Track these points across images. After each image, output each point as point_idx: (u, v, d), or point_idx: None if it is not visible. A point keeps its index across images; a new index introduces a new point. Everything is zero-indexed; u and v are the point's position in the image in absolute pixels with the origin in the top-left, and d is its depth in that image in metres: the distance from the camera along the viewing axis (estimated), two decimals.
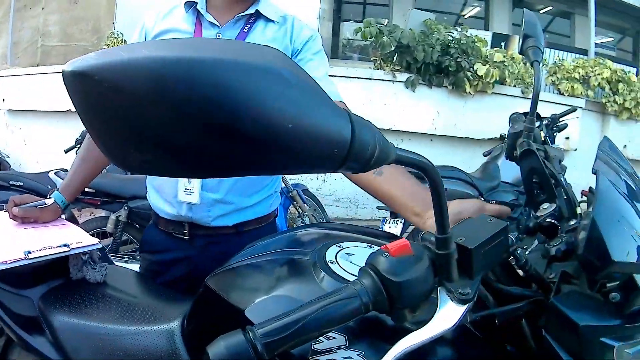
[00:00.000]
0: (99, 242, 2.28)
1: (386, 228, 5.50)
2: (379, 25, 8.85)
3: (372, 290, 1.04)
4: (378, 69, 8.79)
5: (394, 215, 5.79)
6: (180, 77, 0.81)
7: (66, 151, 6.74)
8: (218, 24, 2.37)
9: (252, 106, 0.81)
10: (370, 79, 8.64)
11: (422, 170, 0.99)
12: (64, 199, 2.52)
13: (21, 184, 5.56)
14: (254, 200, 2.49)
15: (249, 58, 0.84)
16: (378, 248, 1.20)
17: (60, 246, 2.14)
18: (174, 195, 2.44)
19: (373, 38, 8.65)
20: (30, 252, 2.02)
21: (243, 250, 1.76)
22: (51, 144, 10.03)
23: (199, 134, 0.83)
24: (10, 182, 5.60)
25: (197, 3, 2.38)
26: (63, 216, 2.57)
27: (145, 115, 0.83)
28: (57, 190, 2.57)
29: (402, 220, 5.67)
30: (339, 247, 1.46)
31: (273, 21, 2.41)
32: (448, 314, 1.10)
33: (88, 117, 0.90)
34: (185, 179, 2.41)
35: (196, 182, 2.41)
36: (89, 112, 0.89)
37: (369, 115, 0.87)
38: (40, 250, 2.06)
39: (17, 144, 11.69)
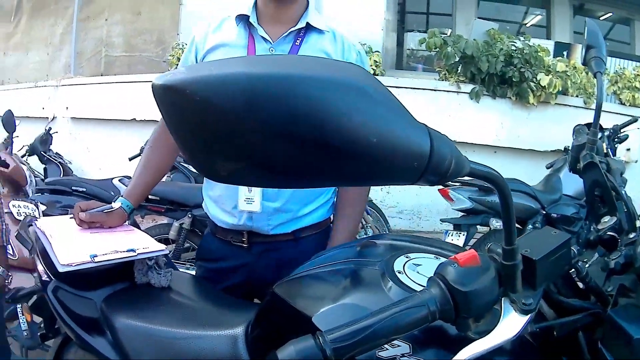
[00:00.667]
0: (166, 248, 2.33)
1: (449, 240, 5.49)
2: (443, 35, 8.79)
3: (440, 299, 1.07)
4: (443, 80, 8.74)
5: (457, 227, 5.78)
6: (271, 93, 0.84)
7: (130, 159, 6.83)
8: (270, 39, 2.40)
9: (340, 121, 0.85)
10: (435, 90, 8.60)
11: (492, 183, 1.02)
12: (129, 203, 2.58)
13: (84, 189, 5.66)
14: (311, 207, 2.54)
15: (335, 75, 0.88)
16: (445, 259, 1.26)
17: (127, 251, 2.18)
18: (234, 206, 2.48)
19: (437, 49, 8.58)
20: (96, 256, 2.07)
21: (311, 260, 1.79)
22: (114, 151, 10.17)
23: (287, 147, 0.86)
24: (73, 188, 5.71)
25: (249, 16, 2.41)
26: (127, 222, 2.61)
27: (235, 128, 0.87)
28: (122, 196, 2.62)
29: (465, 233, 5.65)
30: (406, 257, 1.48)
31: (323, 32, 2.44)
32: (511, 324, 1.13)
33: (176, 128, 0.94)
34: (246, 189, 2.44)
35: (257, 192, 2.44)
36: (178, 124, 0.93)
37: (435, 127, 0.89)
38: (106, 254, 2.11)
39: (79, 151, 11.83)
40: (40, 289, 3.19)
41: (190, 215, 5.52)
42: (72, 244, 2.20)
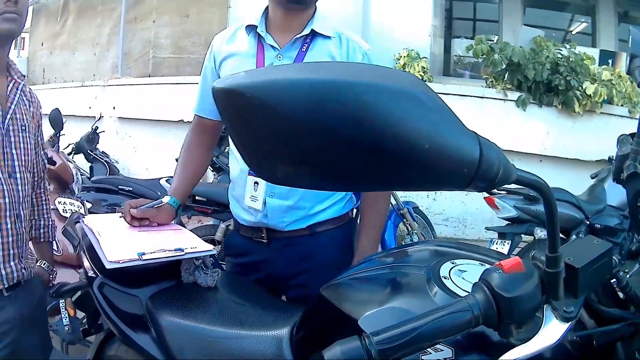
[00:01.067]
0: (213, 248, 2.35)
1: (493, 248, 5.49)
2: (489, 42, 8.75)
3: (484, 304, 1.09)
4: (490, 87, 8.69)
5: (502, 236, 5.77)
6: (331, 99, 0.88)
7: (178, 159, 6.86)
8: (278, 46, 2.50)
9: (396, 127, 0.88)
10: (482, 97, 8.57)
11: (538, 190, 1.05)
12: (176, 200, 2.67)
13: (130, 189, 5.73)
14: (326, 204, 2.62)
15: (392, 82, 0.91)
16: (490, 265, 1.24)
17: (175, 250, 2.21)
18: (254, 199, 2.59)
19: (485, 55, 8.55)
20: (143, 254, 2.10)
21: (358, 264, 1.81)
22: (161, 152, 10.26)
23: (344, 152, 0.90)
24: (120, 187, 5.78)
25: (257, 26, 2.52)
26: (173, 221, 2.67)
27: (294, 132, 0.91)
28: (167, 194, 2.71)
29: (509, 241, 5.65)
30: (452, 263, 1.50)
31: (329, 37, 2.51)
32: (552, 331, 1.14)
33: (236, 130, 0.98)
34: (252, 187, 2.58)
35: (261, 190, 2.56)
36: (238, 127, 0.97)
37: (481, 135, 0.92)
38: (154, 252, 2.14)
39: (126, 151, 11.98)
40: (84, 284, 3.21)
41: None
42: (120, 241, 2.25)
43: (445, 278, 1.41)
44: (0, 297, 2.43)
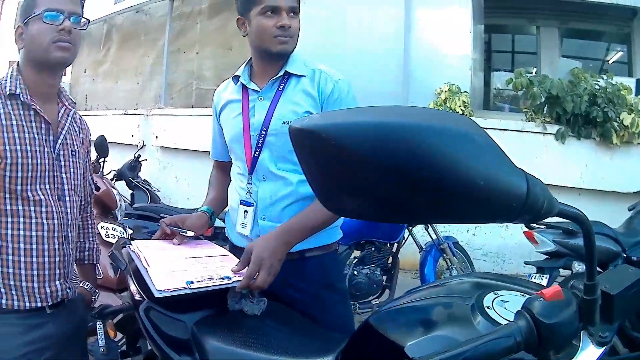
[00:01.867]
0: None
1: None
2: (529, 75, 8.70)
3: (526, 330, 1.14)
4: (529, 121, 8.64)
5: (540, 270, 5.79)
6: (396, 140, 0.98)
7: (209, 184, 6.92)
8: (259, 89, 2.76)
9: (454, 166, 0.97)
10: (521, 131, 8.52)
11: (578, 222, 1.13)
12: (209, 207, 2.91)
13: None
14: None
15: (450, 124, 1.01)
16: (531, 294, 1.30)
17: (222, 278, 2.29)
18: (243, 225, 2.78)
19: (524, 89, 8.51)
20: (192, 282, 2.17)
21: (403, 295, 1.84)
22: (203, 182, 10.24)
23: (408, 187, 0.99)
24: (161, 215, 5.76)
25: (240, 76, 2.82)
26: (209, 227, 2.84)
27: (362, 169, 1.01)
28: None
29: (548, 276, 5.66)
30: (495, 294, 1.54)
31: (303, 75, 2.74)
32: (588, 356, 1.20)
33: (309, 167, 1.11)
34: (242, 215, 2.78)
35: (249, 219, 2.76)
36: (311, 163, 1.09)
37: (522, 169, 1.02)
38: (202, 281, 2.21)
39: (168, 180, 12.11)
40: (127, 307, 3.31)
41: None
42: (169, 269, 2.32)
43: (488, 308, 1.46)
44: (43, 315, 2.51)
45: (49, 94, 2.60)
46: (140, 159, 9.51)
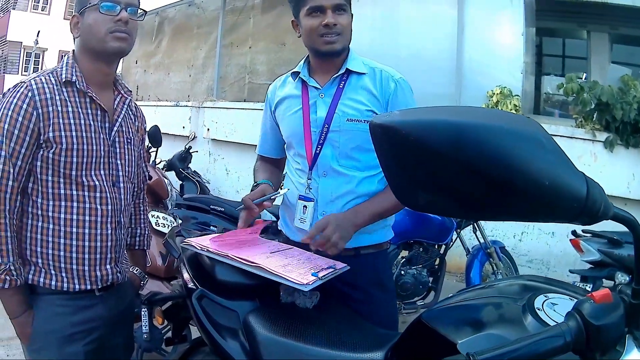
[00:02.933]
0: (346, 265, 2.50)
1: None
2: (579, 81, 8.56)
3: (575, 331, 1.19)
4: (579, 127, 8.48)
5: (584, 279, 5.78)
6: (473, 139, 1.06)
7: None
8: (319, 86, 2.80)
9: (525, 167, 1.05)
10: (571, 137, 8.34)
11: (630, 227, 1.19)
12: (268, 180, 2.93)
13: (222, 209, 5.72)
14: (370, 227, 2.76)
15: (521, 127, 1.09)
16: (579, 298, 1.37)
17: (329, 268, 2.38)
18: (302, 221, 2.82)
19: (575, 94, 8.38)
20: (316, 274, 2.23)
21: (455, 294, 1.89)
22: (252, 176, 10.30)
23: (479, 185, 1.08)
24: (211, 207, 5.76)
25: (300, 72, 2.86)
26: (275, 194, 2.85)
27: (438, 166, 1.10)
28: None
29: (591, 285, 5.61)
30: (545, 297, 1.57)
31: (363, 73, 2.79)
32: (632, 359, 1.24)
33: (387, 161, 1.20)
34: (301, 210, 2.82)
35: (309, 214, 2.79)
36: (389, 158, 1.19)
37: None
38: (319, 271, 2.28)
39: (218, 172, 12.21)
40: (176, 295, 3.43)
41: None
42: (287, 267, 2.33)
43: (538, 310, 1.49)
44: (92, 297, 2.59)
45: (105, 82, 2.65)
46: (190, 151, 9.58)
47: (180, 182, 9.33)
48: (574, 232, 5.89)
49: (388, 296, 2.98)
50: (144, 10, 2.65)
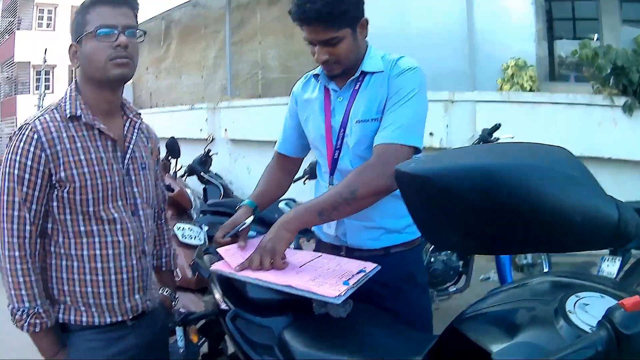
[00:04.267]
0: (377, 265, 2.48)
1: (604, 265, 5.45)
2: (593, 46, 8.46)
3: (607, 341, 1.18)
4: (597, 94, 8.31)
5: (613, 252, 5.71)
6: (501, 183, 1.05)
7: (294, 181, 6.91)
8: (338, 89, 2.87)
9: (556, 204, 1.04)
10: (589, 104, 8.22)
11: None
12: (253, 202, 2.97)
13: None
14: (402, 223, 2.80)
15: (550, 163, 1.09)
16: (607, 296, 1.38)
17: (359, 272, 2.36)
18: (328, 225, 2.86)
19: (590, 60, 8.27)
20: (347, 282, 2.22)
21: (485, 297, 1.84)
22: None
23: (510, 225, 1.08)
24: (236, 209, 5.74)
25: (320, 74, 2.94)
26: (252, 217, 2.87)
27: (467, 210, 1.09)
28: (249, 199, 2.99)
29: (620, 258, 5.56)
30: (576, 297, 1.52)
31: (380, 71, 2.77)
32: None
33: (414, 205, 1.21)
34: None
35: None
36: (416, 203, 1.17)
37: (591, 143, 1.06)
38: (350, 278, 2.27)
39: (240, 173, 12.27)
40: (210, 313, 3.46)
41: None
42: (315, 279, 2.32)
43: (570, 312, 1.45)
44: (124, 327, 2.58)
45: (112, 109, 2.60)
46: (210, 154, 9.52)
47: (203, 185, 9.26)
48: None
49: (420, 291, 2.97)
50: (144, 31, 2.62)
